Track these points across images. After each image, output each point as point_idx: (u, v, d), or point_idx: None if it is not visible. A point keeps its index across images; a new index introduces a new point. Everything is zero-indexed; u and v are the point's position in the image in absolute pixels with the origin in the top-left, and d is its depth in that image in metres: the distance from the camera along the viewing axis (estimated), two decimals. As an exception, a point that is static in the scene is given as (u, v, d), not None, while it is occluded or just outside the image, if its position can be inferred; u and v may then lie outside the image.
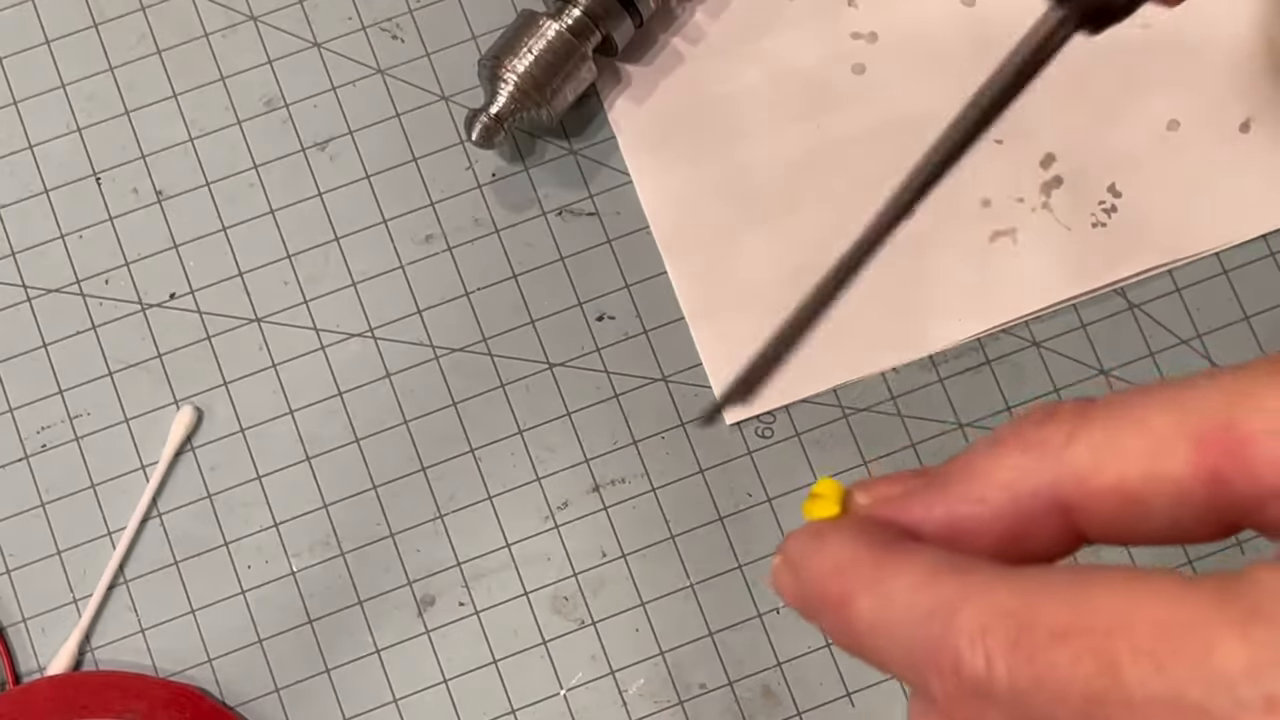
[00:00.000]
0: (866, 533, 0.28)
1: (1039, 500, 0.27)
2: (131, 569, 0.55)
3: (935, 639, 0.26)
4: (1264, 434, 0.25)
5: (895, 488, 0.29)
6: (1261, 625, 0.23)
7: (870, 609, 0.27)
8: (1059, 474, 0.27)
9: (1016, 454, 0.27)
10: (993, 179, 0.58)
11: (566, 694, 0.55)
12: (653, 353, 0.57)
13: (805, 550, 0.29)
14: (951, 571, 0.26)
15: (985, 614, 0.25)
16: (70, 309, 0.57)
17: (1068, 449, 0.26)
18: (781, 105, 0.59)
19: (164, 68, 0.59)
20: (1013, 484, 0.27)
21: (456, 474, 0.56)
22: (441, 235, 0.58)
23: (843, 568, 0.28)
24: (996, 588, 0.25)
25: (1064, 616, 0.24)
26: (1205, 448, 0.25)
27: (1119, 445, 0.26)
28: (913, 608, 0.26)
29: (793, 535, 0.30)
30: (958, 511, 0.28)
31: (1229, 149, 0.58)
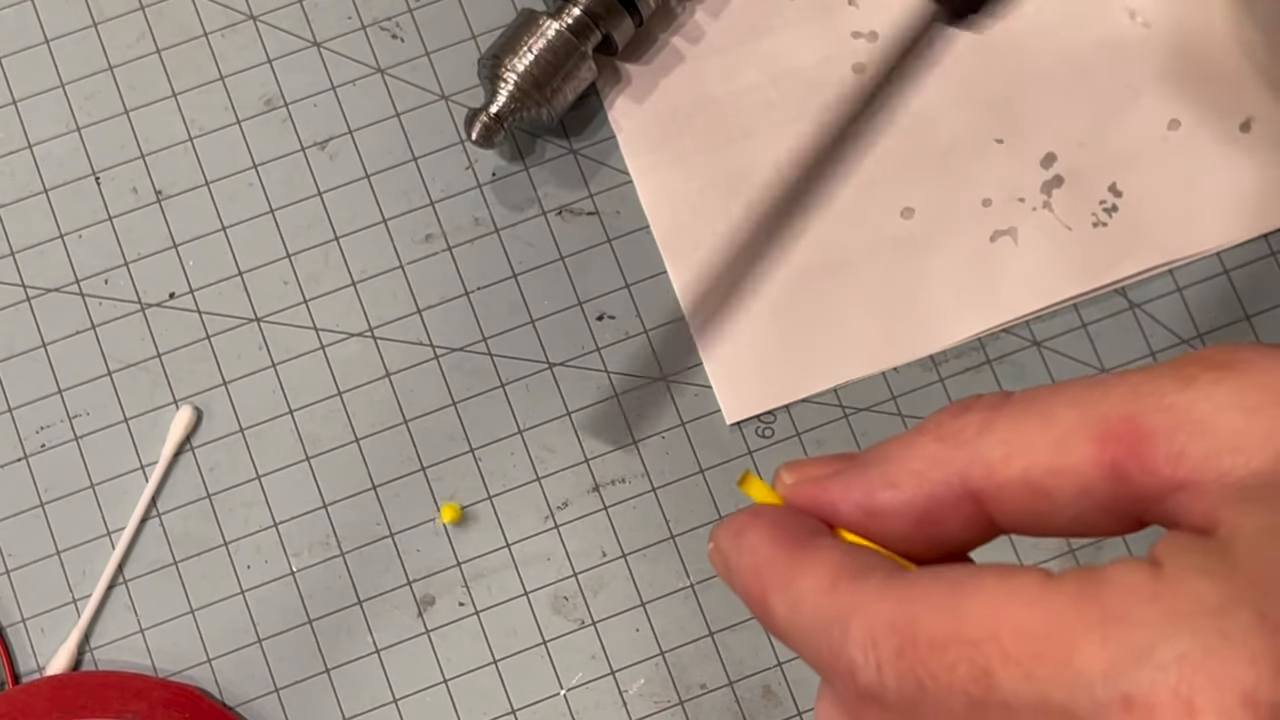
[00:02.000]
0: (782, 528, 0.30)
1: (950, 489, 0.28)
2: (131, 569, 0.55)
3: (835, 647, 0.27)
4: (1162, 430, 0.26)
5: (819, 469, 0.30)
6: (1116, 625, 0.24)
7: (783, 612, 0.29)
8: (969, 464, 0.28)
9: (931, 443, 0.28)
10: (993, 178, 0.58)
11: (566, 694, 0.55)
12: (653, 353, 0.57)
13: (729, 547, 0.31)
14: (849, 579, 0.28)
15: (873, 625, 0.27)
16: (70, 309, 0.57)
17: (978, 440, 0.28)
18: (781, 105, 0.59)
19: (163, 67, 0.59)
20: (925, 472, 0.28)
21: (456, 474, 0.56)
22: (441, 235, 0.58)
23: (759, 567, 0.29)
24: (883, 598, 0.27)
25: (941, 626, 0.26)
26: (1106, 442, 0.26)
27: (1026, 438, 0.27)
28: (816, 615, 0.28)
29: (720, 527, 0.31)
30: (873, 496, 0.29)
31: (1229, 148, 0.58)
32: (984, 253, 0.57)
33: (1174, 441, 0.26)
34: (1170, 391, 0.26)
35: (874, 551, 0.29)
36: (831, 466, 0.30)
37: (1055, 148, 0.58)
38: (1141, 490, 0.26)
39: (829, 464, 0.31)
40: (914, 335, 0.57)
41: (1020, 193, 0.58)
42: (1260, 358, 0.26)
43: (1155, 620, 0.24)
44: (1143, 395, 0.26)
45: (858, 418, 0.56)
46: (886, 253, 0.58)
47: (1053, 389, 0.28)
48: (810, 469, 0.31)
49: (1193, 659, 0.23)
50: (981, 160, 0.58)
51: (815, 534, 0.29)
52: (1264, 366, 0.26)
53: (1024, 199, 0.58)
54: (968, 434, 0.28)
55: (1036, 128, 0.58)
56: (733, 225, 0.58)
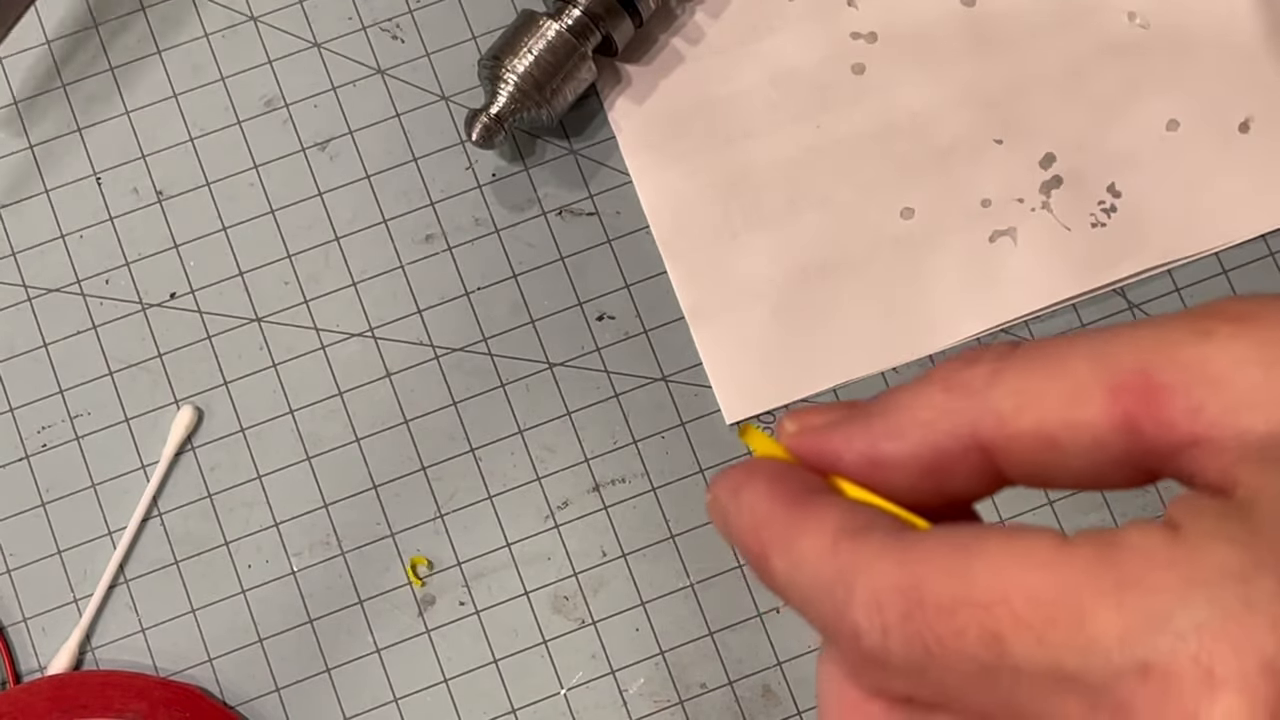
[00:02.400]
0: (781, 483, 0.29)
1: (958, 440, 0.27)
2: (132, 568, 0.55)
3: (838, 608, 0.26)
4: (1178, 385, 0.25)
5: (823, 418, 0.30)
6: (1133, 591, 0.23)
7: (783, 571, 0.28)
8: (979, 415, 0.27)
9: (939, 393, 0.28)
10: (993, 179, 0.58)
11: (567, 693, 0.55)
12: (653, 353, 0.57)
13: (727, 503, 0.30)
14: (851, 539, 0.27)
15: (878, 587, 0.26)
16: (70, 309, 0.57)
17: (989, 391, 0.27)
18: (781, 105, 0.59)
19: (164, 67, 0.59)
20: (932, 422, 0.28)
21: (456, 474, 0.56)
22: (441, 235, 0.58)
23: (759, 524, 0.29)
24: (887, 559, 0.26)
25: (949, 589, 0.25)
26: (1120, 395, 0.26)
27: (1038, 389, 0.27)
28: (818, 575, 0.27)
29: (717, 480, 0.30)
30: (877, 446, 0.28)
31: (1228, 149, 0.58)
32: (983, 253, 0.57)
33: (1190, 396, 0.25)
34: (1186, 344, 0.25)
35: (877, 508, 0.28)
36: (835, 415, 0.30)
37: (1054, 148, 0.58)
38: (1155, 444, 0.26)
39: (833, 412, 0.30)
40: (913, 335, 0.57)
41: (1019, 193, 0.58)
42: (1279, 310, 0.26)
43: (1174, 586, 0.23)
44: (1157, 347, 0.26)
45: (857, 418, 0.56)
46: (886, 253, 0.58)
47: (1063, 339, 0.27)
48: (813, 417, 0.30)
49: (1213, 626, 0.22)
50: (981, 160, 0.58)
51: (815, 490, 0.29)
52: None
53: (1023, 199, 0.58)
54: (977, 384, 0.27)
55: (1036, 128, 0.58)
56: (733, 225, 0.58)
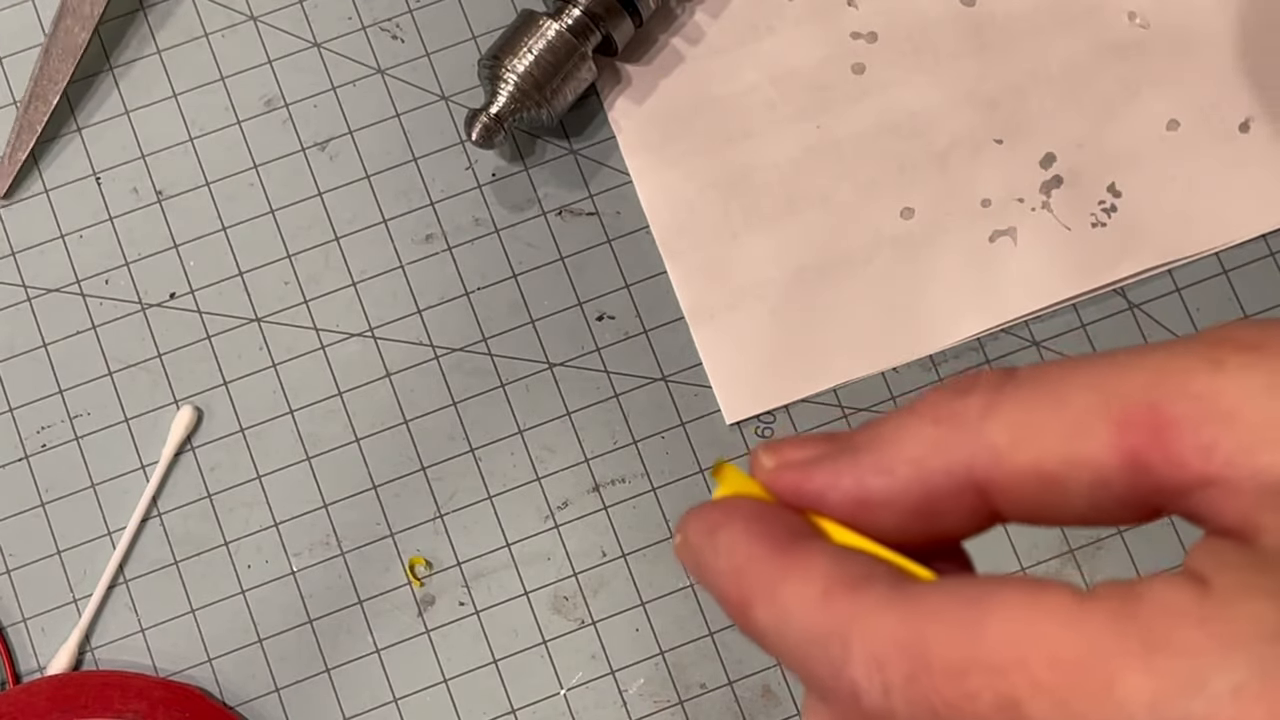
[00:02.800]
0: (761, 525, 0.27)
1: (951, 478, 0.26)
2: (131, 569, 0.55)
3: (833, 665, 0.25)
4: (1188, 420, 0.24)
5: (802, 452, 0.27)
6: (1163, 652, 0.22)
7: (768, 621, 0.26)
8: (973, 451, 0.25)
9: (929, 426, 0.26)
10: (992, 179, 0.58)
11: (566, 694, 0.55)
12: (653, 353, 0.57)
13: (701, 546, 0.28)
14: (845, 589, 0.25)
15: (879, 644, 0.24)
16: (70, 309, 0.57)
17: (983, 424, 0.25)
18: (781, 105, 0.59)
19: (164, 67, 0.59)
20: (923, 459, 0.26)
21: (456, 474, 0.56)
22: (441, 235, 0.58)
23: (739, 570, 0.27)
24: (889, 613, 0.24)
25: (959, 649, 0.23)
26: (1127, 430, 0.24)
27: (1036, 424, 0.25)
28: (808, 628, 0.25)
29: (689, 519, 0.28)
30: (864, 484, 0.26)
31: (1229, 148, 0.58)
32: (983, 253, 0.57)
33: (1203, 433, 0.23)
34: (1197, 374, 0.24)
35: (868, 555, 0.26)
36: (815, 449, 0.27)
37: (1054, 148, 0.58)
38: (1165, 483, 0.24)
39: (813, 446, 0.27)
40: (913, 335, 0.57)
41: (1020, 193, 0.58)
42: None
43: (1206, 646, 0.22)
44: (1166, 378, 0.24)
45: (857, 418, 0.56)
46: (886, 252, 0.58)
47: (1064, 365, 0.25)
48: (791, 451, 0.28)
49: (1252, 689, 0.21)
50: (981, 160, 0.58)
51: (800, 534, 0.27)
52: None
53: (1023, 199, 0.58)
54: (970, 416, 0.25)
55: (1036, 128, 0.58)
56: (733, 225, 0.58)
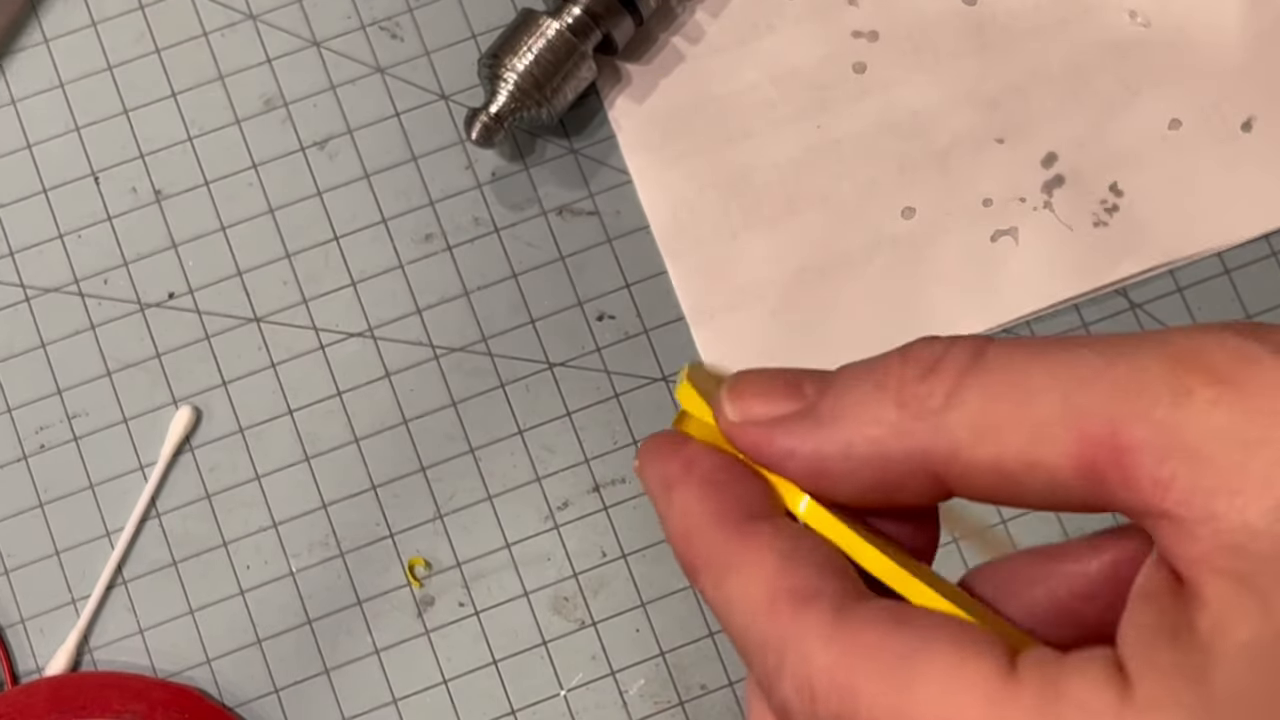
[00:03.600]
0: (717, 496, 0.27)
1: (908, 463, 0.26)
2: (130, 569, 0.55)
3: (768, 673, 0.25)
4: (1149, 448, 0.23)
5: (765, 406, 0.28)
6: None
7: (712, 599, 0.27)
8: (932, 442, 0.25)
9: (891, 408, 0.26)
10: (994, 178, 0.58)
11: (567, 694, 0.54)
12: (653, 353, 0.57)
13: (657, 494, 0.28)
14: (788, 604, 0.25)
15: (811, 675, 0.25)
16: (69, 309, 0.57)
17: (945, 414, 0.25)
18: (782, 104, 0.59)
19: (163, 67, 0.59)
20: (882, 442, 0.26)
21: (456, 474, 0.56)
22: (441, 235, 0.58)
23: (689, 536, 0.27)
24: (825, 648, 0.25)
25: (886, 707, 0.24)
26: (1086, 445, 0.24)
27: (998, 422, 0.25)
28: (749, 629, 0.26)
29: (647, 454, 0.29)
30: (824, 457, 0.27)
31: (1231, 148, 0.58)
32: (985, 252, 0.57)
33: (1162, 466, 0.23)
34: (1160, 403, 0.23)
35: (818, 562, 0.26)
36: (778, 405, 0.27)
37: (1056, 147, 0.58)
38: (1120, 501, 0.24)
39: (776, 399, 0.27)
40: (914, 335, 0.56)
41: (1021, 192, 0.58)
42: (1269, 372, 0.23)
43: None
44: (1129, 397, 0.23)
45: (858, 418, 0.56)
46: (887, 252, 0.58)
47: (1033, 355, 0.25)
48: (755, 405, 0.28)
49: None
50: (982, 160, 0.58)
51: (752, 514, 0.27)
52: (1272, 384, 0.23)
53: (1025, 199, 0.58)
54: (933, 403, 0.25)
55: (1037, 127, 0.58)
56: (733, 225, 0.58)
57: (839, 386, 0.27)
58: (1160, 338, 0.24)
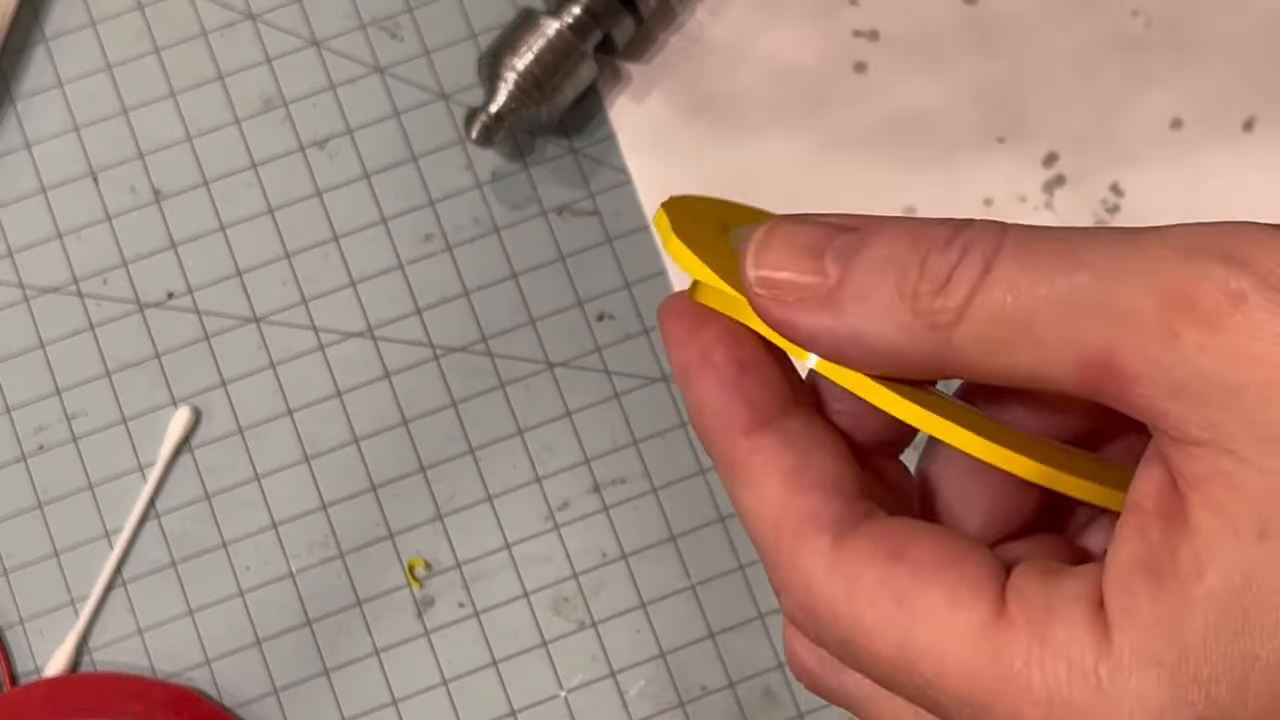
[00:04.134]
0: (728, 398, 0.29)
1: (922, 360, 0.27)
2: (129, 570, 0.55)
3: (776, 586, 0.28)
4: (1144, 379, 0.24)
5: (788, 272, 0.28)
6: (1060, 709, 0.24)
7: (731, 499, 0.29)
8: (944, 351, 0.27)
9: (907, 314, 0.27)
10: (995, 178, 0.58)
11: (567, 695, 0.54)
12: (653, 353, 0.57)
13: (678, 378, 0.30)
14: (790, 530, 0.27)
15: (814, 604, 0.27)
16: (67, 309, 0.57)
17: (955, 329, 0.26)
18: (782, 104, 0.59)
19: (162, 66, 0.59)
20: (897, 340, 0.27)
21: (456, 474, 0.56)
22: (441, 235, 0.58)
23: (705, 434, 0.29)
24: (827, 581, 0.27)
25: (887, 647, 0.26)
26: (1088, 369, 0.25)
27: (1004, 340, 0.26)
28: (757, 543, 0.28)
29: (665, 330, 0.30)
30: (840, 337, 0.28)
31: (1233, 147, 0.58)
32: (985, 252, 0.57)
33: (1157, 397, 0.24)
34: (1153, 341, 0.24)
35: (821, 482, 0.28)
36: (801, 272, 0.28)
37: (1057, 147, 0.58)
38: (1127, 409, 0.25)
39: (800, 265, 0.28)
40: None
41: (1022, 192, 0.58)
42: (1254, 312, 0.24)
43: (1097, 713, 0.24)
44: (1124, 330, 0.25)
45: (859, 418, 0.56)
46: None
47: (1035, 274, 0.26)
48: (778, 269, 0.28)
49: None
50: (983, 159, 0.58)
51: (765, 419, 0.28)
52: (1254, 326, 0.24)
53: (1026, 198, 0.58)
54: (945, 318, 0.26)
55: (1038, 126, 0.58)
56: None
57: (861, 272, 0.28)
58: (1153, 264, 0.25)
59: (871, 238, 0.28)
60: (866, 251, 0.28)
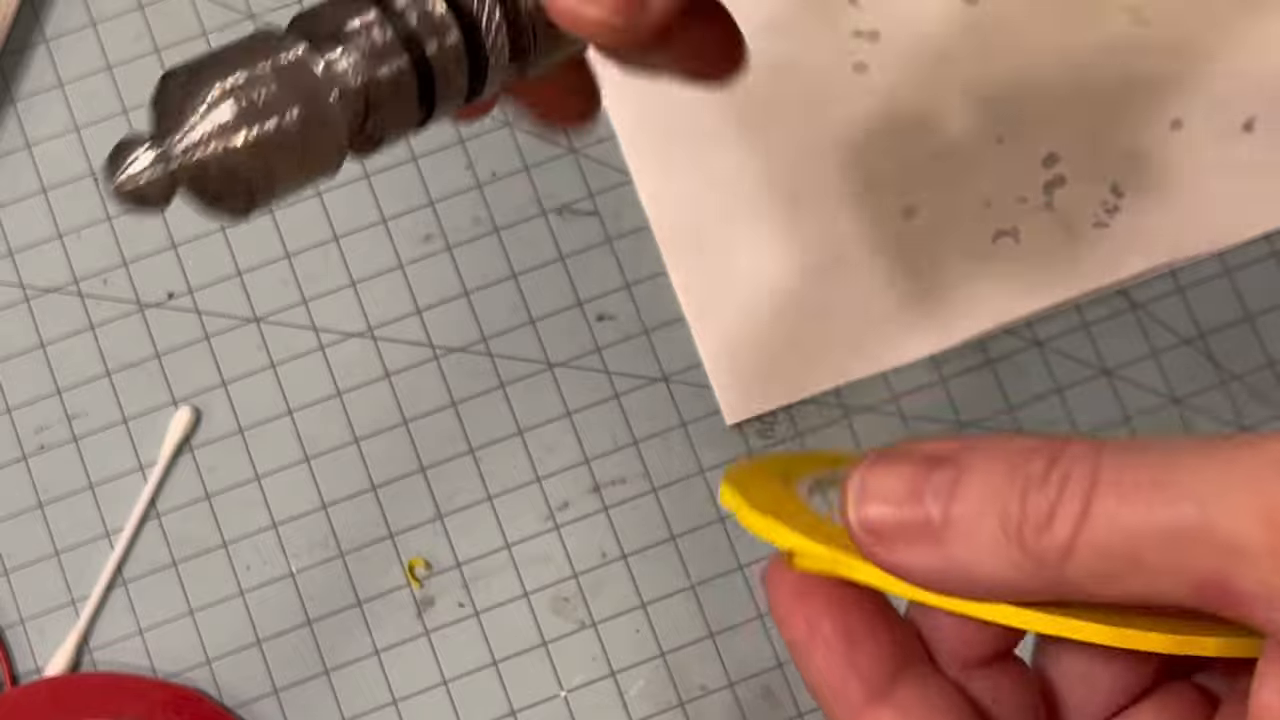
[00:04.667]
0: (848, 667, 0.29)
1: (1028, 592, 0.27)
2: (130, 570, 0.55)
3: None
4: (1258, 600, 0.25)
5: (891, 515, 0.28)
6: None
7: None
8: (1054, 586, 0.27)
9: (1015, 551, 0.27)
10: (995, 178, 0.58)
11: (567, 695, 0.54)
12: (653, 353, 0.57)
13: (788, 645, 0.30)
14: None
15: None
16: (68, 309, 0.57)
17: (1064, 567, 0.27)
18: (782, 104, 0.59)
19: (162, 66, 0.59)
20: (1004, 577, 0.27)
21: (456, 474, 0.56)
22: (441, 235, 0.58)
23: (828, 706, 0.29)
24: None
25: None
26: (1200, 591, 0.26)
27: (1114, 574, 0.26)
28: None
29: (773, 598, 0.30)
30: (946, 575, 0.28)
31: (1232, 148, 0.58)
32: (986, 252, 0.57)
33: (1273, 614, 0.25)
34: (1262, 567, 0.25)
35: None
36: (902, 508, 0.28)
37: (1057, 147, 0.58)
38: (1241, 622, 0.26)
39: (899, 501, 0.28)
40: (915, 335, 0.57)
41: (1022, 192, 0.58)
42: None
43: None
44: (1234, 559, 0.25)
45: (857, 418, 0.56)
46: (888, 252, 0.57)
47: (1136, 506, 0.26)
48: (878, 507, 0.28)
49: None
50: (983, 160, 0.58)
51: (879, 691, 0.29)
52: None
53: (1026, 199, 0.58)
54: (1054, 555, 0.27)
55: (1038, 127, 0.58)
56: (733, 225, 0.58)
57: (963, 512, 0.28)
58: (1254, 484, 0.25)
59: (967, 474, 0.28)
60: (965, 490, 0.28)
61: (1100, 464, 0.26)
